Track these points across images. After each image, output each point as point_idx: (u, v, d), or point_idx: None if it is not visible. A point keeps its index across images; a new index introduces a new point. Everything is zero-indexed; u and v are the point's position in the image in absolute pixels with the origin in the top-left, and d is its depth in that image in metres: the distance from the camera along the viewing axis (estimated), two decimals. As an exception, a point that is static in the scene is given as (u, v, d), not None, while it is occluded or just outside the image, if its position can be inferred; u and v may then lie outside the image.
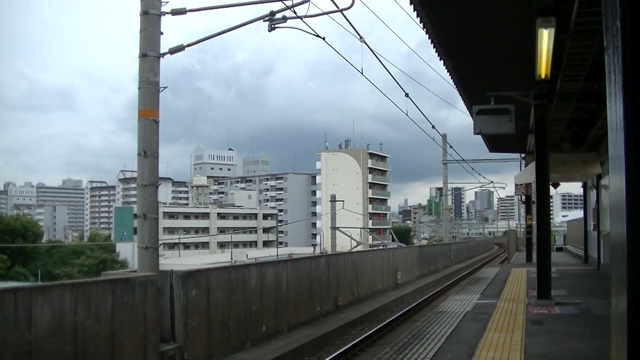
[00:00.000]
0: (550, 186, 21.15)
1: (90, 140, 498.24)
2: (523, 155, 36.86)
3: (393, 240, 62.46)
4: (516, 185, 39.85)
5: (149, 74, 13.01)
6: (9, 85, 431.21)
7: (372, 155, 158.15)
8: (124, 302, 11.29)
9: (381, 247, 47.79)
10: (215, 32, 14.69)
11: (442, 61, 15.60)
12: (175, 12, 13.23)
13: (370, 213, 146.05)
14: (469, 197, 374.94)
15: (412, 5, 11.73)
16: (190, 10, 13.43)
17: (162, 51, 13.23)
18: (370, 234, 79.68)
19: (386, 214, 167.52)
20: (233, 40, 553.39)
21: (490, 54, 15.63)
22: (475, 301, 17.45)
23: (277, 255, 79.76)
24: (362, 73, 18.99)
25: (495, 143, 30.79)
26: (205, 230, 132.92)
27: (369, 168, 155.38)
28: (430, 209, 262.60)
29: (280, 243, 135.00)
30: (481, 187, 70.50)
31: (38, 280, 74.94)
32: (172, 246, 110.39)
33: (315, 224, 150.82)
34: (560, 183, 32.07)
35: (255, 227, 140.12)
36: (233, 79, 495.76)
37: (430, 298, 28.10)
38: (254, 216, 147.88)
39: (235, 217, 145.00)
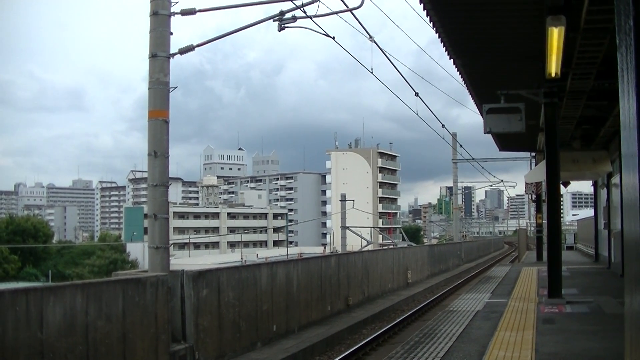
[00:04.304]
0: (561, 185, 21.09)
1: (101, 141, 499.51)
2: (533, 153, 36.76)
3: (403, 239, 62.44)
4: (526, 184, 39.69)
5: (159, 74, 13.03)
6: (19, 86, 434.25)
7: (382, 154, 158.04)
8: (135, 302, 11.31)
9: (391, 247, 47.74)
10: (225, 31, 14.71)
11: (451, 60, 15.59)
12: (184, 13, 13.25)
13: (380, 212, 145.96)
14: (479, 196, 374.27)
15: (422, 4, 11.72)
16: (200, 11, 13.45)
17: (172, 51, 13.24)
18: (380, 233, 79.59)
19: (396, 213, 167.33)
20: (244, 39, 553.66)
21: (500, 52, 15.61)
22: (486, 300, 17.43)
23: (288, 254, 79.71)
24: (372, 72, 18.96)
25: (506, 142, 30.74)
26: (216, 230, 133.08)
27: (379, 167, 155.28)
28: (440, 208, 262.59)
29: (291, 242, 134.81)
30: (491, 186, 70.27)
31: (49, 280, 75.21)
32: (182, 246, 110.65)
33: (325, 223, 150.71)
34: (571, 182, 31.93)
35: (265, 227, 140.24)
36: (243, 78, 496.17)
37: (441, 297, 28.06)
38: (264, 216, 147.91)
39: (245, 216, 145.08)
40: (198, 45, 13.74)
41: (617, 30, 2.82)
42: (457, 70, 16.76)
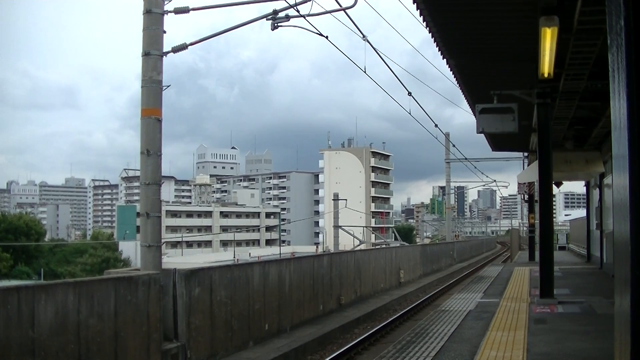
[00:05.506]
0: (553, 185, 21.13)
1: (94, 139, 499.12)
2: (526, 154, 36.83)
3: (396, 239, 62.46)
4: (519, 184, 39.77)
5: (152, 73, 13.00)
6: (12, 83, 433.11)
7: (375, 153, 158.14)
8: (127, 300, 11.29)
9: (384, 246, 47.76)
10: (218, 30, 14.70)
11: (445, 60, 15.60)
12: (178, 11, 13.22)
13: (373, 212, 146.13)
14: (471, 195, 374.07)
15: (415, 4, 11.73)
16: (194, 9, 13.42)
17: (165, 50, 13.22)
18: (373, 233, 79.62)
19: (389, 212, 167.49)
20: (238, 38, 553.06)
21: (493, 52, 15.62)
22: (478, 300, 17.44)
23: (280, 253, 79.72)
24: (365, 72, 18.96)
25: (499, 142, 30.79)
26: (208, 228, 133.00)
27: (372, 167, 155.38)
28: (433, 207, 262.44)
29: (283, 242, 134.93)
30: (484, 185, 70.43)
31: (41, 278, 75.10)
32: (174, 245, 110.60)
33: (318, 222, 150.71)
34: (563, 182, 32.00)
35: (258, 226, 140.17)
36: (237, 77, 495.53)
37: (433, 296, 28.06)
38: (257, 215, 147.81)
39: (238, 215, 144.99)
40: (192, 44, 13.72)
41: (608, 31, 2.83)
42: (451, 71, 16.77)
